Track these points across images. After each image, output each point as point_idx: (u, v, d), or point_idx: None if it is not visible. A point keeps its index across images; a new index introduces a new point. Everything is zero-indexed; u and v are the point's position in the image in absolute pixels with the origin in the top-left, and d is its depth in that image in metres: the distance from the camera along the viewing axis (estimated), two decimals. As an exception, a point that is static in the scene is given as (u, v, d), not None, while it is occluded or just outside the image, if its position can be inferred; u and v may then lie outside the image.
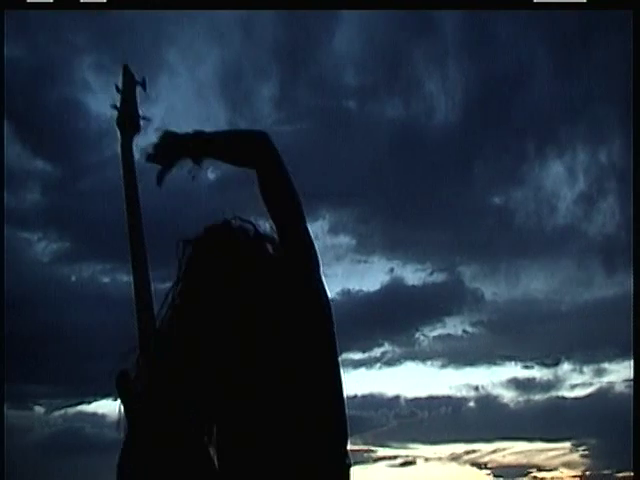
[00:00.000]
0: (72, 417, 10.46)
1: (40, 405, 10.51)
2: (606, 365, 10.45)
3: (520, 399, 10.99)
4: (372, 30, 9.05)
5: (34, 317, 9.85)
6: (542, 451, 10.45)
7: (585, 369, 10.51)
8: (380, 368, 10.98)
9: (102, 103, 10.47)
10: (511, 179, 10.62)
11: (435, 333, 11.24)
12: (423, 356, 11.23)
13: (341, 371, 2.01)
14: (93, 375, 9.90)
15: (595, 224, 10.35)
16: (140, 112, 2.47)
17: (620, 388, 10.12)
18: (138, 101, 2.47)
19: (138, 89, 2.46)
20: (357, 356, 10.55)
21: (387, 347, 11.27)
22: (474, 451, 10.94)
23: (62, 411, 10.44)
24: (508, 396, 11.13)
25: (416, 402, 11.34)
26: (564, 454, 10.21)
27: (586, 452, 10.13)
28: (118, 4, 3.59)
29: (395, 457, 10.80)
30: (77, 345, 9.80)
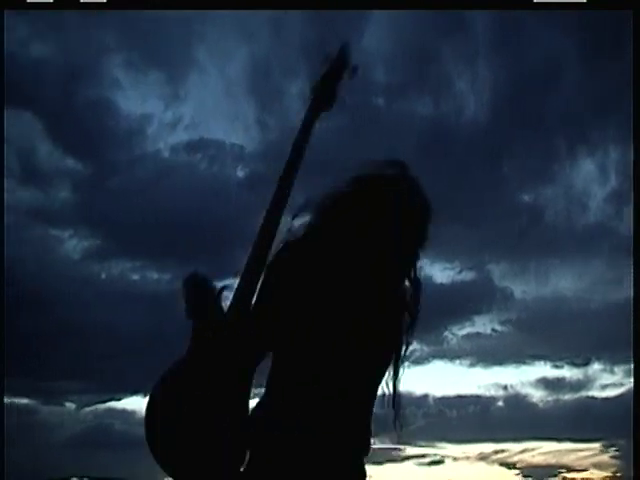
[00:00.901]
0: (102, 413, 10.57)
1: (71, 401, 10.62)
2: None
3: (549, 399, 10.92)
4: (401, 28, 9.04)
5: (65, 314, 9.95)
6: (572, 451, 10.38)
7: (616, 369, 10.42)
8: (408, 367, 10.93)
9: (132, 101, 10.59)
10: (541, 177, 10.57)
11: (464, 332, 11.19)
12: (452, 355, 11.18)
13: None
14: (123, 372, 10.00)
15: (626, 222, 10.25)
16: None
17: (651, 388, 10.01)
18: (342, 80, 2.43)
19: (346, 72, 2.42)
20: (385, 354, 10.51)
21: (415, 345, 11.18)
22: (503, 451, 10.89)
23: (92, 407, 10.55)
24: (537, 396, 11.07)
25: (444, 401, 11.30)
26: (594, 455, 10.12)
27: (617, 453, 10.05)
28: (118, 4, 3.60)
29: (423, 456, 10.77)
30: (107, 342, 9.89)
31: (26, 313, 9.37)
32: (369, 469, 2.04)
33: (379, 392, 2.07)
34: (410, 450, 10.64)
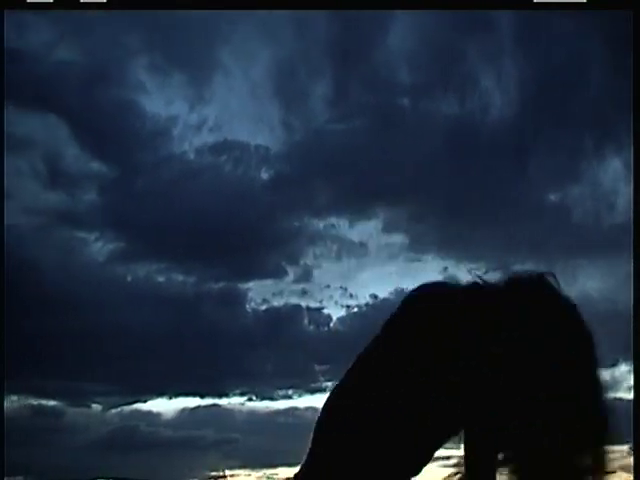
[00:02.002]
0: (128, 415, 10.58)
1: (97, 403, 10.65)
2: (666, 366, 10.21)
3: (577, 400, 10.80)
4: (426, 27, 9.00)
5: (90, 316, 10.00)
6: (599, 454, 10.26)
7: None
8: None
9: (157, 103, 10.58)
10: (568, 176, 10.45)
11: (490, 333, 11.09)
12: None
13: None
14: (148, 374, 10.03)
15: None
16: None
17: (680, 390, 9.86)
18: None
19: None
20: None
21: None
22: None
23: (118, 409, 10.57)
24: (565, 397, 10.96)
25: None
26: (622, 457, 9.99)
27: (645, 455, 9.93)
28: (118, 4, 3.60)
29: (448, 457, 10.69)
30: (132, 344, 9.92)
31: (52, 315, 9.42)
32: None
33: None
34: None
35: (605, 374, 2.19)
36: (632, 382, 2.73)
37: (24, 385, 9.55)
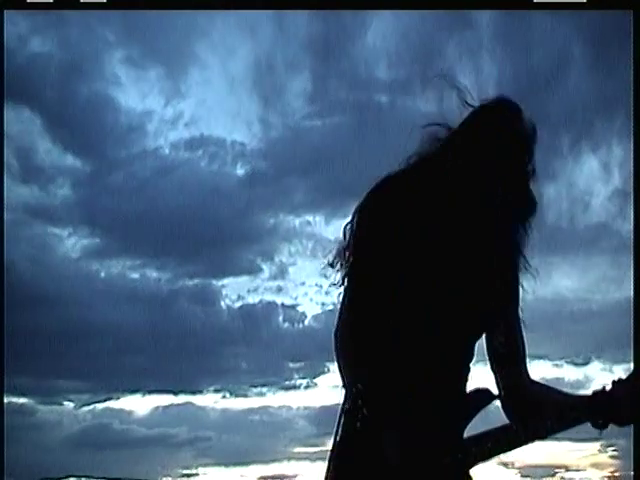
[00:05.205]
0: (100, 413, 10.54)
1: (69, 400, 10.58)
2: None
3: (549, 398, 10.87)
4: (405, 24, 8.98)
5: (63, 313, 9.92)
6: (570, 451, 10.31)
7: (615, 369, 10.37)
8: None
9: (132, 98, 10.51)
10: (543, 175, 10.48)
11: (465, 331, 11.15)
12: (452, 354, 11.15)
13: None
14: (121, 371, 9.96)
15: (630, 221, 10.15)
16: None
17: (653, 388, 9.95)
18: None
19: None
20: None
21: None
22: (501, 450, 10.84)
23: (91, 407, 10.51)
24: (537, 395, 11.02)
25: (445, 400, 11.25)
26: (593, 454, 10.09)
27: (615, 453, 10.02)
28: (118, 4, 3.57)
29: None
30: (106, 341, 9.85)
31: (24, 312, 9.32)
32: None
33: None
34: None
35: (578, 372, 2.22)
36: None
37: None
